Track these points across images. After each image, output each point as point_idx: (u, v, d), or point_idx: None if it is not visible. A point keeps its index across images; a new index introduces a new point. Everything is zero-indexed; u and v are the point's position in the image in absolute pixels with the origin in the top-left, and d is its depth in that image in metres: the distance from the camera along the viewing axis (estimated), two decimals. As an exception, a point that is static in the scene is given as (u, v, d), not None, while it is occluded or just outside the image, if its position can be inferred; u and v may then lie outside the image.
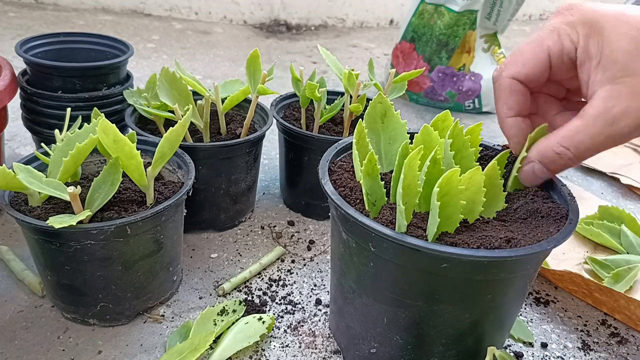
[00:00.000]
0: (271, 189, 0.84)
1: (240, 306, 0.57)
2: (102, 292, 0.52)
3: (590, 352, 0.57)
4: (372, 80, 0.75)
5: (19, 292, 0.59)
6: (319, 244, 0.72)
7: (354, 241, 0.44)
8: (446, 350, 0.45)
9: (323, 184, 0.46)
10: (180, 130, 0.52)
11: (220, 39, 1.63)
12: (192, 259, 0.67)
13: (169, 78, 0.67)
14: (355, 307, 0.48)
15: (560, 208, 0.46)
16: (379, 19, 1.98)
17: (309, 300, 0.61)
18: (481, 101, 1.21)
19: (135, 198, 0.55)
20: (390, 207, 0.45)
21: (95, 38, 0.83)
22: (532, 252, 0.39)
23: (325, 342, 0.55)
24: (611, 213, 0.76)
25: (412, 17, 1.23)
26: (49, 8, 1.71)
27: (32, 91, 0.72)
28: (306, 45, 1.66)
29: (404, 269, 0.42)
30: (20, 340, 0.53)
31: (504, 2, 1.15)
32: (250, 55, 0.67)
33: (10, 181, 0.48)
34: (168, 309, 0.58)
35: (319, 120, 0.74)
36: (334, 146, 0.52)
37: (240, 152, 0.68)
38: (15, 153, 0.86)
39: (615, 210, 0.76)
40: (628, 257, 0.69)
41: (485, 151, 0.53)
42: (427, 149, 0.45)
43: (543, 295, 0.65)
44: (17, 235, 0.67)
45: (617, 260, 0.68)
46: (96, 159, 0.61)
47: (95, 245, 0.49)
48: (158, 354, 0.52)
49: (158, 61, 1.37)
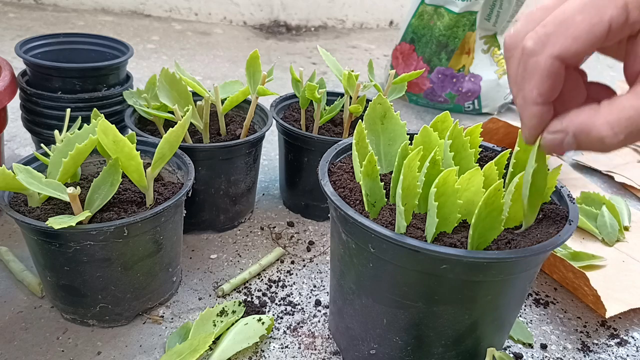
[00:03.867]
0: (271, 190, 0.84)
1: (239, 307, 0.57)
2: (102, 292, 0.52)
3: (590, 353, 0.57)
4: (371, 82, 0.75)
5: (19, 292, 0.59)
6: (318, 245, 0.72)
7: (353, 242, 0.44)
8: (446, 351, 0.45)
9: (323, 185, 0.46)
10: (180, 131, 0.52)
11: (220, 40, 1.63)
12: (191, 260, 0.67)
13: (169, 79, 0.67)
14: (355, 308, 0.48)
15: (560, 209, 0.46)
16: (379, 20, 1.98)
17: (308, 301, 0.61)
18: (481, 102, 1.21)
19: (134, 199, 0.55)
20: (390, 208, 0.45)
21: (95, 39, 0.83)
22: (532, 253, 0.39)
23: (324, 343, 0.55)
24: (592, 198, 0.79)
25: (412, 18, 1.23)
26: (49, 9, 1.71)
27: (32, 92, 0.72)
28: (306, 46, 1.66)
29: (403, 270, 0.42)
30: (19, 341, 0.53)
31: (503, 3, 1.15)
32: (250, 56, 0.67)
33: (10, 182, 0.48)
34: (167, 310, 0.58)
35: (318, 121, 0.74)
36: (333, 147, 0.52)
37: (239, 153, 0.68)
38: (14, 154, 0.86)
39: (596, 196, 0.78)
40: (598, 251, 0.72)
41: (485, 152, 0.54)
42: (426, 150, 0.45)
43: (543, 297, 0.65)
44: (16, 236, 0.67)
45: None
46: (96, 159, 0.61)
47: (95, 246, 0.49)
48: (157, 354, 0.52)
49: (158, 62, 1.37)
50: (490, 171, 0.44)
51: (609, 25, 0.30)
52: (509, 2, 1.15)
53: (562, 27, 0.31)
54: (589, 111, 0.32)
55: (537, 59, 0.32)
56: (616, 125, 0.31)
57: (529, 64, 0.33)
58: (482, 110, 1.22)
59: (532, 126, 0.35)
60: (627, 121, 0.30)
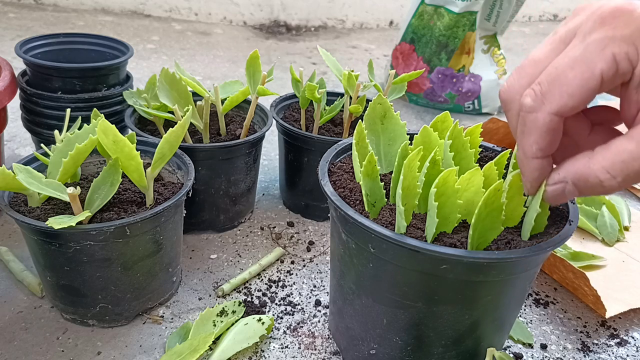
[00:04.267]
0: (271, 190, 0.84)
1: (239, 307, 0.57)
2: (102, 293, 0.52)
3: (590, 353, 0.57)
4: (371, 82, 0.75)
5: (18, 292, 0.59)
6: (318, 245, 0.72)
7: (353, 242, 0.44)
8: (446, 351, 0.45)
9: (323, 185, 0.46)
10: (180, 131, 0.52)
11: (220, 40, 1.63)
12: (191, 260, 0.67)
13: (169, 79, 0.67)
14: (355, 308, 0.48)
15: (560, 209, 0.46)
16: (379, 20, 1.98)
17: (308, 301, 0.61)
18: (481, 102, 1.21)
19: (134, 199, 0.55)
20: (390, 208, 0.45)
21: (95, 39, 0.83)
22: (532, 253, 0.39)
23: (324, 343, 0.55)
24: (593, 198, 0.79)
25: (412, 18, 1.23)
26: (49, 9, 1.71)
27: (32, 92, 0.72)
28: (306, 46, 1.66)
29: (403, 270, 0.42)
30: (19, 341, 0.53)
31: (503, 3, 1.15)
32: (250, 56, 0.67)
33: (10, 182, 0.48)
34: (167, 310, 0.58)
35: (318, 121, 0.74)
36: (333, 147, 0.52)
37: (239, 153, 0.68)
38: (14, 154, 0.86)
39: (596, 196, 0.78)
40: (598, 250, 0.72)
41: (485, 152, 0.54)
42: (426, 150, 0.45)
43: (543, 297, 0.65)
44: (16, 236, 0.67)
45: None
46: (96, 159, 0.61)
47: (95, 246, 0.49)
48: (157, 355, 0.52)
49: (158, 62, 1.37)
50: (490, 171, 0.44)
51: (601, 78, 0.31)
52: (509, 2, 1.15)
53: (556, 84, 0.32)
54: (583, 159, 0.33)
55: (536, 115, 0.33)
56: (611, 170, 0.32)
57: (528, 120, 0.34)
58: (482, 110, 1.22)
59: (534, 179, 0.37)
60: (621, 164, 0.31)
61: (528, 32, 2.12)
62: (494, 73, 1.21)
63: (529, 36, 2.05)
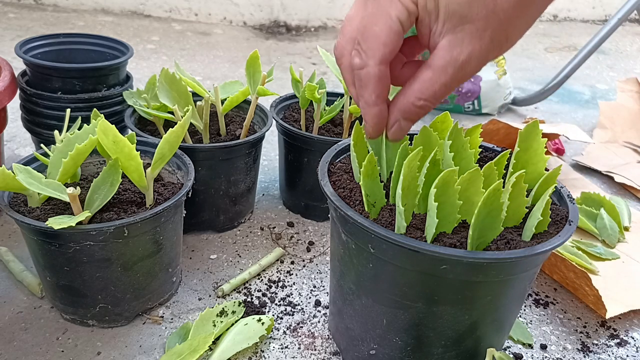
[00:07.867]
0: (271, 190, 0.84)
1: (239, 307, 0.57)
2: (101, 293, 0.52)
3: (590, 353, 0.57)
4: (371, 82, 0.75)
5: (18, 293, 0.59)
6: (318, 245, 0.72)
7: (353, 242, 0.44)
8: (445, 351, 0.45)
9: (322, 185, 0.46)
10: (180, 132, 0.52)
11: (219, 40, 1.63)
12: (191, 260, 0.67)
13: (169, 79, 0.67)
14: (355, 309, 0.48)
15: (560, 210, 0.46)
16: (379, 20, 1.98)
17: (308, 302, 0.61)
18: (480, 103, 1.21)
19: (134, 199, 0.55)
20: (390, 208, 0.45)
21: (94, 39, 0.83)
22: (532, 253, 0.39)
23: (324, 344, 0.55)
24: (593, 199, 0.79)
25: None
26: (49, 9, 1.71)
27: (32, 92, 0.72)
28: (306, 47, 1.66)
29: (403, 271, 0.42)
30: (19, 341, 0.52)
31: (503, 3, 1.15)
32: (250, 57, 0.67)
33: (10, 182, 0.48)
34: (167, 310, 0.58)
35: (318, 122, 0.74)
36: (333, 147, 0.52)
37: (239, 154, 0.68)
38: (14, 154, 0.86)
39: (596, 197, 0.79)
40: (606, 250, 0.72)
41: (485, 152, 0.54)
42: (426, 150, 0.45)
43: (542, 297, 0.65)
44: (16, 236, 0.67)
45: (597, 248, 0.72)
46: (96, 160, 0.61)
47: (95, 246, 0.49)
48: (157, 355, 0.52)
49: (158, 62, 1.37)
50: (490, 171, 0.44)
51: (399, 21, 0.38)
52: (508, 2, 1.15)
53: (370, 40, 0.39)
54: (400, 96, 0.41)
55: (367, 70, 0.39)
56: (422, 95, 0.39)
57: (363, 75, 0.40)
58: (482, 110, 1.22)
59: (375, 124, 0.42)
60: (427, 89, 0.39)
61: (528, 33, 2.11)
62: (493, 73, 1.21)
63: (529, 36, 2.05)
